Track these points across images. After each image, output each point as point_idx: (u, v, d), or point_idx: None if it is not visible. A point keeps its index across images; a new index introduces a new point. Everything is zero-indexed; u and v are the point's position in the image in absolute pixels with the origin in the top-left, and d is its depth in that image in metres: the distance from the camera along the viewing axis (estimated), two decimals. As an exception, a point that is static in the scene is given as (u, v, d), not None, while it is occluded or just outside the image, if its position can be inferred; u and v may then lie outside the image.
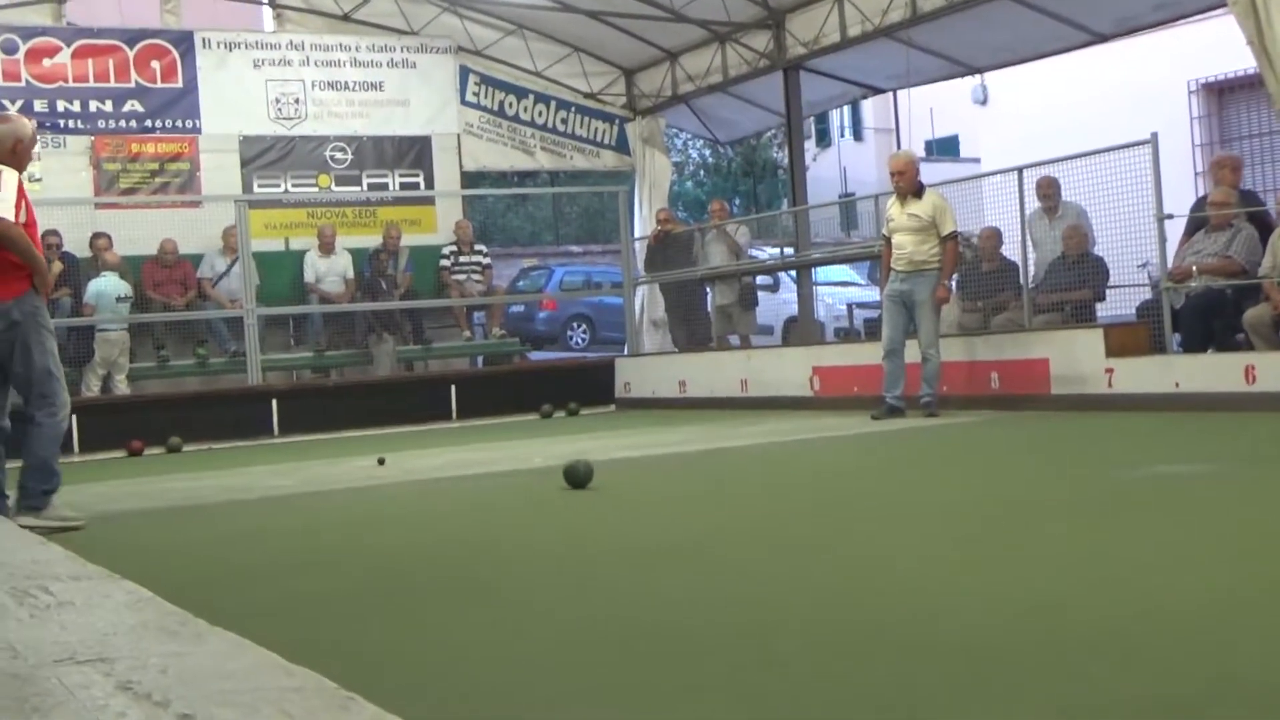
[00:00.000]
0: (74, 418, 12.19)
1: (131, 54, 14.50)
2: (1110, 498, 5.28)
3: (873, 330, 12.85)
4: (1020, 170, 10.66)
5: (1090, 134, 11.42)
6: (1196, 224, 9.93)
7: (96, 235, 13.77)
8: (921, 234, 9.99)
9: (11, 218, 6.10)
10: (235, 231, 13.80)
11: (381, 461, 8.85)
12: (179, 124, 14.65)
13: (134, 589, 3.85)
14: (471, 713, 2.60)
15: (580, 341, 20.90)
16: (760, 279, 15.19)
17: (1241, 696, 2.43)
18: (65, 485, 8.51)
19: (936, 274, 9.97)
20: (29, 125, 6.55)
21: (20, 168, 6.34)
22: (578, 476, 6.61)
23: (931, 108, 31.05)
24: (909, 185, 10.14)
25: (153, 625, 3.21)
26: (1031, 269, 10.76)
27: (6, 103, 13.37)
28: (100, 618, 3.37)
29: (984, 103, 22.48)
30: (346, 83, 15.54)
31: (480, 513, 6.30)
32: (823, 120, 33.64)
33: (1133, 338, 9.70)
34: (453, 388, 14.15)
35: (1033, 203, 10.86)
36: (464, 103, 16.21)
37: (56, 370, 6.27)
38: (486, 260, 15.72)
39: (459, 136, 16.12)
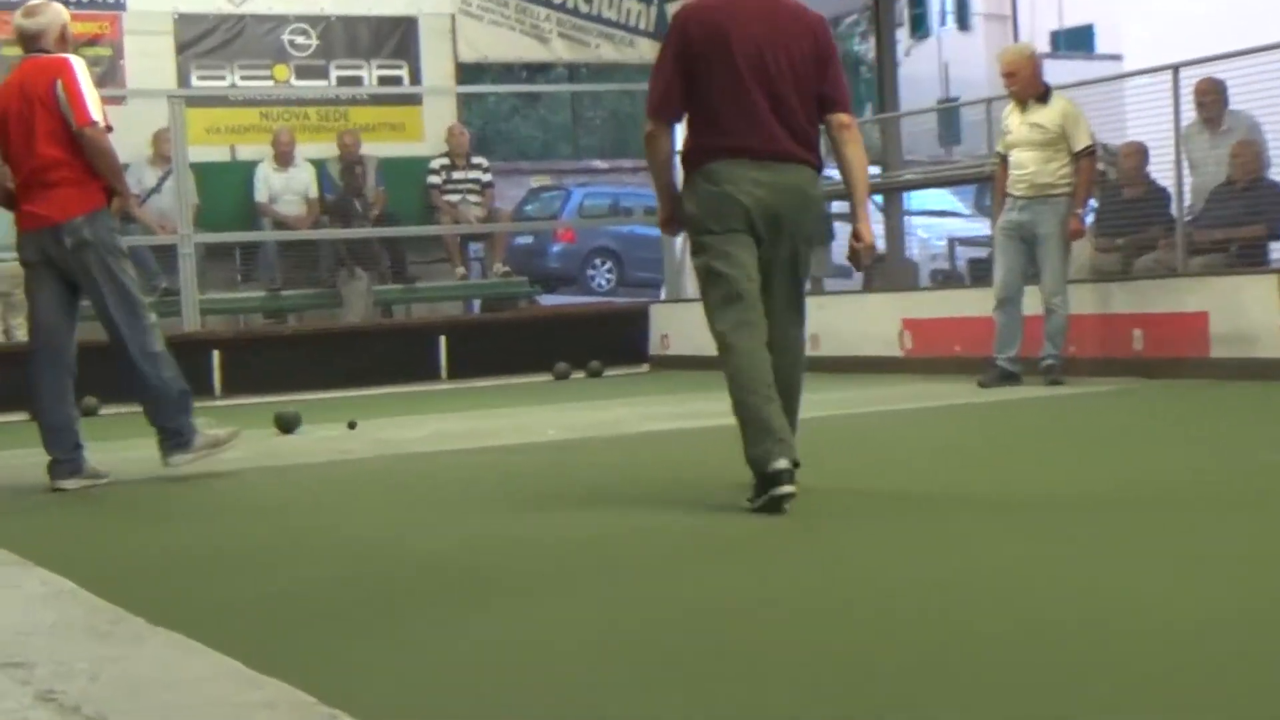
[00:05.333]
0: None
1: (38, -93, 14.51)
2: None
3: (981, 274, 12.80)
4: (1175, 69, 10.57)
5: (1265, 25, 11.33)
6: None
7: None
8: (1047, 150, 9.93)
9: (102, 120, 6.59)
10: (168, 136, 13.81)
11: (353, 425, 8.95)
12: (96, -1, 14.69)
13: (51, 579, 3.92)
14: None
15: (604, 283, 20.93)
16: (836, 205, 15.15)
17: None
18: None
19: (1066, 201, 9.91)
20: (64, 8, 7.05)
21: None
22: (286, 423, 8.88)
23: (1060, -11, 30.88)
24: (1026, 88, 10.07)
25: (78, 624, 3.26)
26: (1187, 197, 10.70)
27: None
28: (10, 613, 3.43)
29: (1128, -17, 22.28)
30: (310, -54, 15.54)
31: (475, 498, 6.33)
32: (919, 4, 33.48)
33: (1317, 287, 9.67)
34: (442, 339, 14.15)
35: (1190, 112, 10.79)
36: (460, -26, 16.19)
37: (138, 297, 6.83)
38: (487, 177, 15.72)
39: (454, 17, 16.02)
